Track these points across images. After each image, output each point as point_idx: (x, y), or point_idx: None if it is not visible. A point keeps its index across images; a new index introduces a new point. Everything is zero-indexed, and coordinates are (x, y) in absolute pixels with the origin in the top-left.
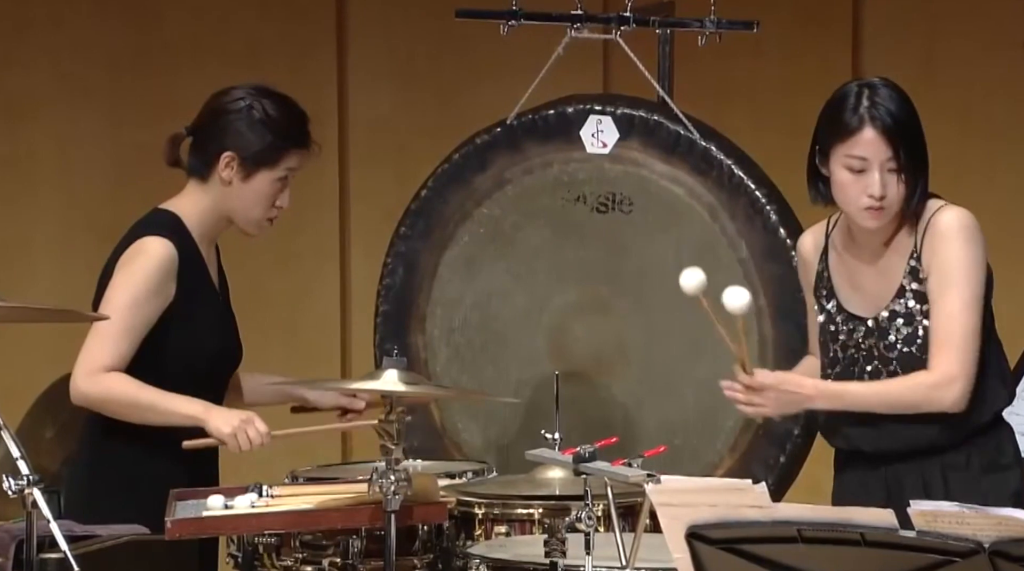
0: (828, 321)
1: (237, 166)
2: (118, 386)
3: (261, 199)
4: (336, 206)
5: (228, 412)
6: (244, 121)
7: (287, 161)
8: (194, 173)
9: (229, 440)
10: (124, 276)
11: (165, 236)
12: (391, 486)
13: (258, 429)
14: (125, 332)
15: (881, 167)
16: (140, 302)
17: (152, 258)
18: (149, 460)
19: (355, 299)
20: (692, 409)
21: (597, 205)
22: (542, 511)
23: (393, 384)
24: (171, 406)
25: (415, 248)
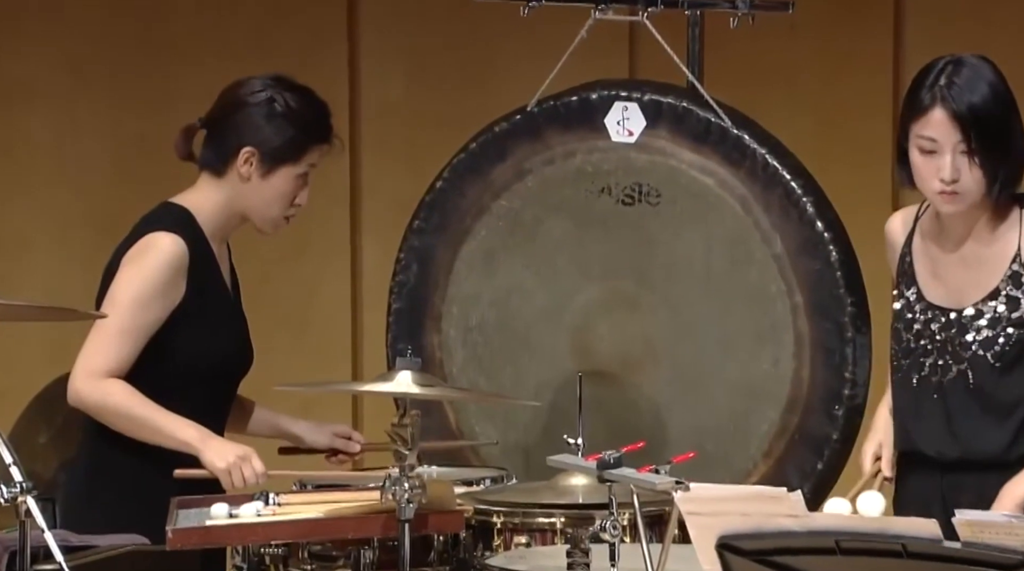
0: (906, 308)
1: (257, 162)
2: (116, 396)
3: (280, 197)
4: (347, 199)
5: (225, 445)
6: (265, 114)
7: (309, 156)
8: (208, 167)
9: (222, 476)
10: (130, 273)
11: (175, 232)
12: (405, 494)
13: (254, 468)
14: (129, 333)
15: (953, 150)
16: (147, 301)
17: (161, 255)
18: (150, 466)
19: (366, 297)
20: (723, 412)
21: (623, 197)
22: (564, 520)
23: (407, 386)
24: (167, 428)
25: (430, 243)
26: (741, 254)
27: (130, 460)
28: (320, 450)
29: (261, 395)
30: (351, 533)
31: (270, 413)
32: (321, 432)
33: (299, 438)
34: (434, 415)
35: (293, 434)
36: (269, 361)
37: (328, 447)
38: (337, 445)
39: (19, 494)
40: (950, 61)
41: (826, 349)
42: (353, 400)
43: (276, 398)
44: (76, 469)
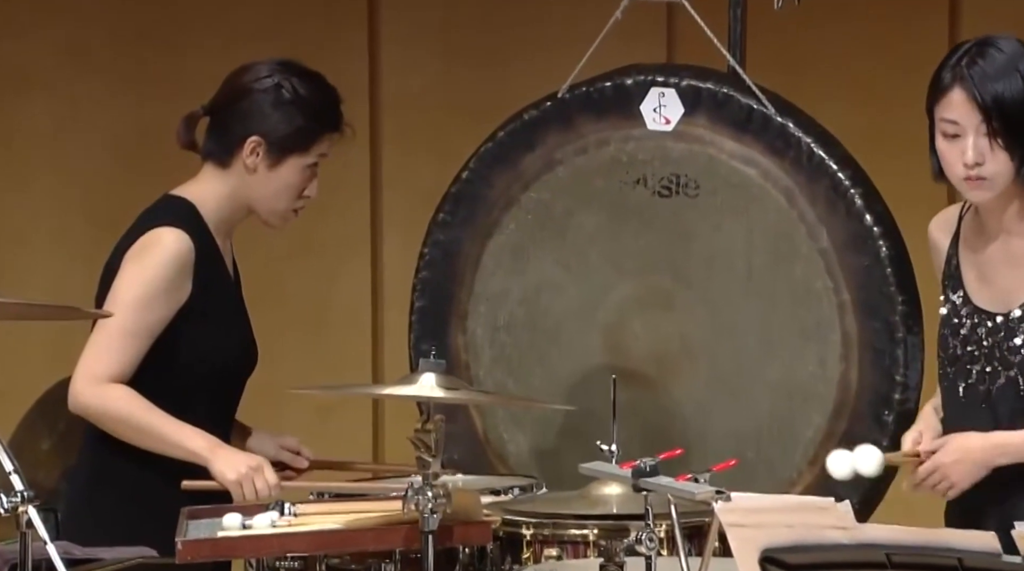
0: (952, 313)
1: (264, 152)
2: (120, 402)
3: (288, 188)
4: (367, 191)
5: (236, 455)
6: (271, 102)
7: (319, 146)
8: (212, 157)
9: (233, 488)
10: (134, 271)
11: (179, 227)
12: (428, 503)
13: (267, 479)
14: (133, 335)
15: (976, 132)
16: (151, 301)
17: (166, 251)
18: (155, 475)
19: (387, 294)
20: (766, 417)
21: (659, 188)
22: (597, 532)
23: (430, 389)
24: (175, 437)
25: (455, 237)
26: (785, 249)
27: (134, 468)
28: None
29: (275, 399)
30: (371, 545)
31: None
32: (266, 443)
33: (242, 446)
34: (459, 420)
35: (235, 442)
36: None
37: (272, 459)
38: (283, 458)
39: (20, 504)
40: (977, 42)
41: (875, 350)
42: (373, 405)
43: (291, 402)
44: (77, 478)
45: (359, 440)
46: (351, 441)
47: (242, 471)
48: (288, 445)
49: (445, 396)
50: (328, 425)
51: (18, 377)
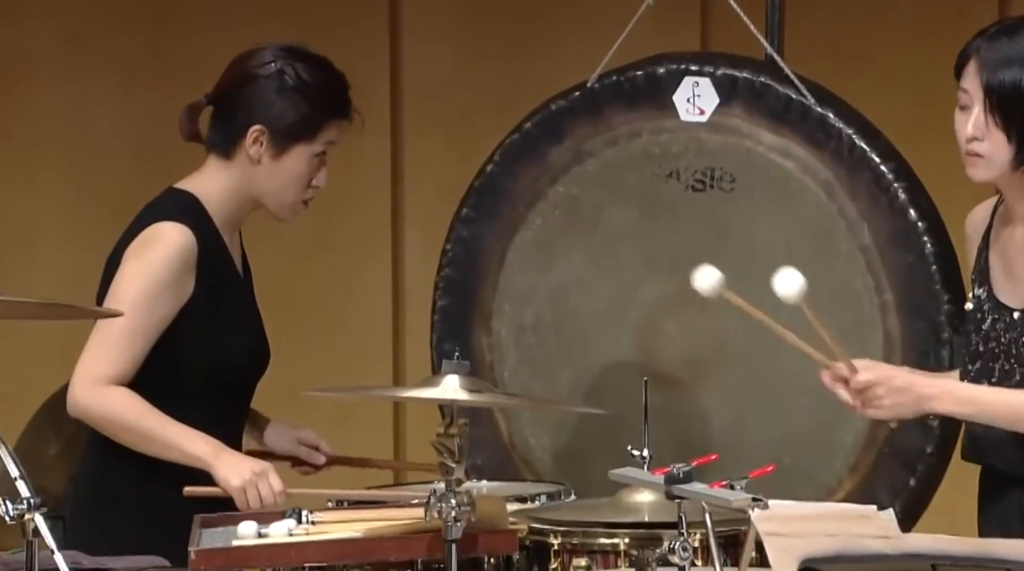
0: (976, 308)
1: (267, 141)
2: (120, 406)
3: (295, 179)
4: (387, 185)
5: (241, 461)
6: (274, 88)
7: (325, 134)
8: (216, 148)
9: (236, 495)
10: (134, 268)
11: (182, 221)
12: (452, 511)
13: (272, 486)
14: (134, 335)
15: (981, 107)
16: (152, 299)
17: (167, 247)
18: (161, 481)
19: (409, 293)
20: (805, 422)
21: (693, 182)
22: (628, 541)
23: (453, 392)
24: (177, 441)
25: (479, 233)
26: (824, 246)
27: (139, 474)
28: (281, 456)
29: (291, 402)
30: (393, 555)
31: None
32: (284, 436)
33: (259, 438)
34: (483, 424)
35: (253, 432)
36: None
37: (289, 454)
38: (299, 454)
39: (26, 511)
40: (1011, 22)
41: (919, 351)
42: (394, 408)
43: (308, 405)
44: (81, 484)
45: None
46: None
47: (246, 477)
48: (306, 439)
49: (469, 399)
50: (347, 429)
51: (24, 379)
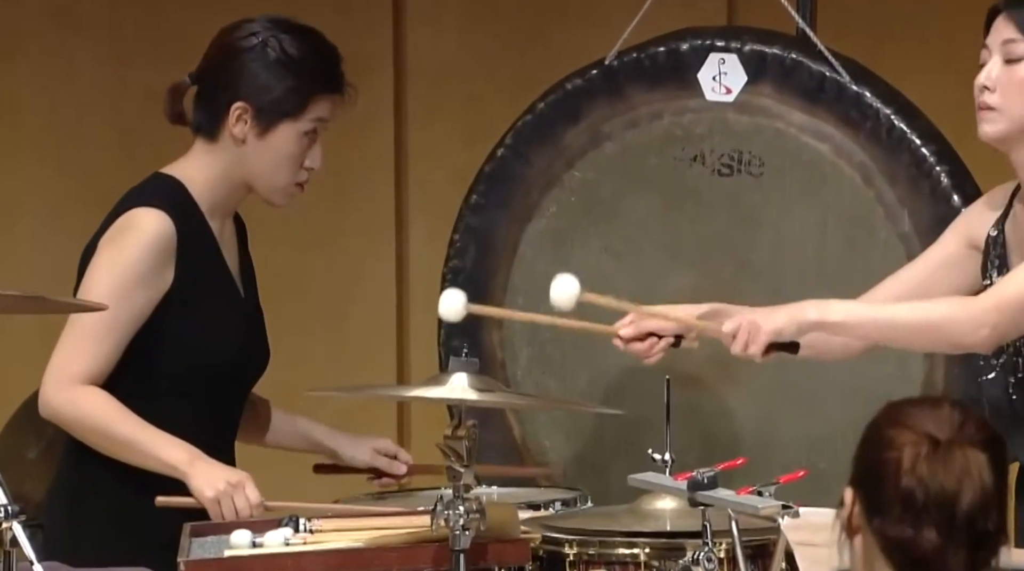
0: None
1: (251, 119)
2: (92, 408)
3: (284, 159)
4: (391, 171)
5: (216, 470)
6: (258, 62)
7: (314, 110)
8: (200, 130)
9: (210, 507)
10: (106, 259)
11: (160, 207)
12: (460, 519)
13: (248, 498)
14: (108, 331)
15: (1001, 53)
16: (126, 292)
17: (142, 235)
18: (149, 485)
19: (414, 286)
20: (839, 423)
21: (719, 166)
22: (649, 551)
23: (462, 391)
24: (150, 447)
25: (490, 221)
26: (861, 234)
27: (121, 480)
28: (359, 469)
29: (291, 403)
30: (396, 566)
31: (298, 421)
32: (360, 447)
33: (336, 454)
34: (494, 426)
35: (328, 448)
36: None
37: (368, 466)
38: (379, 464)
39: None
40: None
41: None
42: (399, 408)
43: (309, 406)
44: (58, 489)
45: None
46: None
47: (220, 488)
48: (383, 448)
49: (478, 398)
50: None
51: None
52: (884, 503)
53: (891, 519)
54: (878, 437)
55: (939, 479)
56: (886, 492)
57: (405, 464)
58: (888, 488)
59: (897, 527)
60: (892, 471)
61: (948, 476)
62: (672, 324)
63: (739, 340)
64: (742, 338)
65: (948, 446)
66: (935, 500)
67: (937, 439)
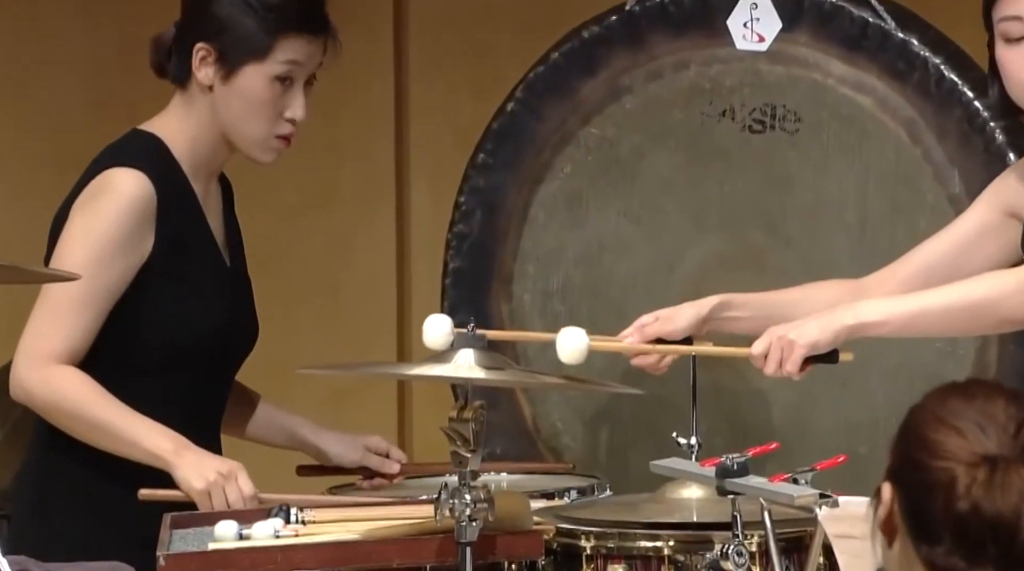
0: None
1: (214, 61)
2: (68, 390)
3: (255, 107)
4: (391, 127)
5: (205, 459)
6: (220, 2)
7: (283, 51)
8: (176, 81)
9: (199, 499)
10: (80, 224)
11: (138, 167)
12: (466, 509)
13: (241, 489)
14: (84, 304)
15: None
16: (103, 260)
17: (119, 198)
18: (128, 471)
19: (416, 253)
20: (882, 405)
21: (750, 122)
22: (674, 545)
23: (468, 369)
24: (133, 435)
25: (498, 182)
26: (907, 196)
27: (96, 466)
28: (348, 470)
29: (280, 382)
30: (397, 560)
31: (283, 414)
32: (349, 445)
33: (322, 453)
34: (503, 407)
35: (314, 446)
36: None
37: (358, 465)
38: (370, 463)
39: None
40: None
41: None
42: (399, 388)
43: (298, 385)
44: (26, 477)
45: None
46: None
47: (211, 478)
48: (375, 446)
49: (486, 377)
50: (344, 413)
51: None
52: (932, 527)
53: (941, 549)
54: (922, 437)
55: (996, 505)
56: (934, 513)
57: (398, 463)
58: (936, 509)
59: (949, 559)
60: (941, 489)
61: (1006, 501)
62: (681, 329)
63: (772, 360)
64: (775, 357)
65: (1006, 466)
66: (991, 530)
67: (993, 457)
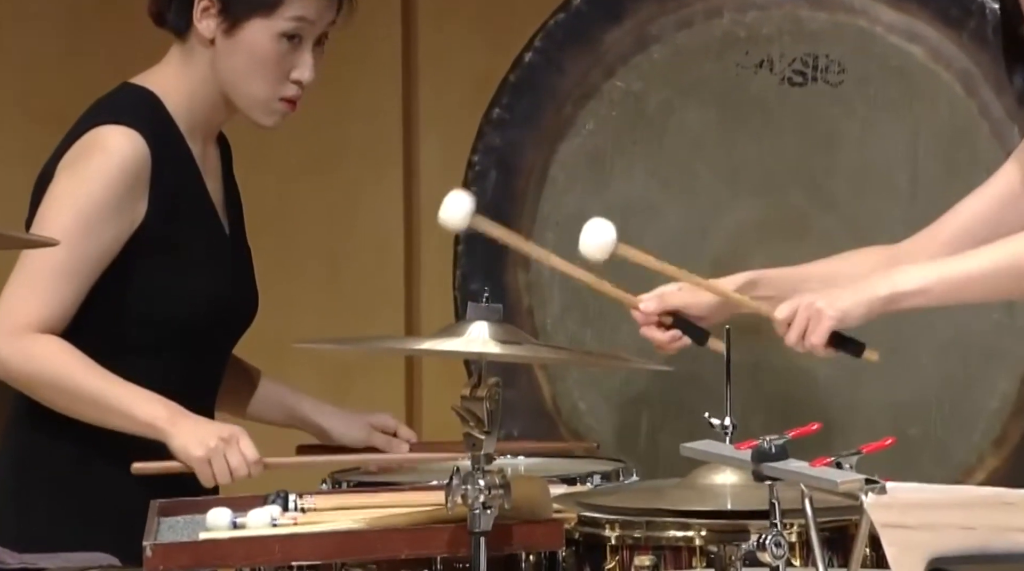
0: None
1: (217, 12)
2: (50, 359)
3: (258, 65)
4: (398, 79)
5: (202, 426)
6: None
7: (291, 6)
8: (176, 33)
9: (199, 468)
10: (67, 186)
11: (131, 125)
12: (480, 496)
13: (244, 454)
14: (68, 272)
15: None
16: (90, 226)
17: (110, 158)
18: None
19: (426, 217)
20: (934, 383)
21: (790, 74)
22: (706, 535)
23: (482, 343)
24: (123, 404)
25: (515, 140)
26: (962, 154)
27: (78, 449)
28: (353, 449)
29: (281, 357)
30: (405, 550)
31: (282, 390)
32: (354, 424)
33: (324, 431)
34: (521, 384)
35: (315, 424)
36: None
37: (364, 445)
38: (376, 443)
39: None
40: None
41: None
42: (407, 364)
43: (300, 361)
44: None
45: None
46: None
47: (211, 444)
48: (381, 425)
49: (501, 352)
50: (350, 390)
51: None
52: None
53: None
54: None
55: None
56: None
57: (407, 442)
58: None
59: None
60: None
61: None
62: (705, 303)
63: (795, 328)
64: (799, 326)
65: None
66: None
67: None
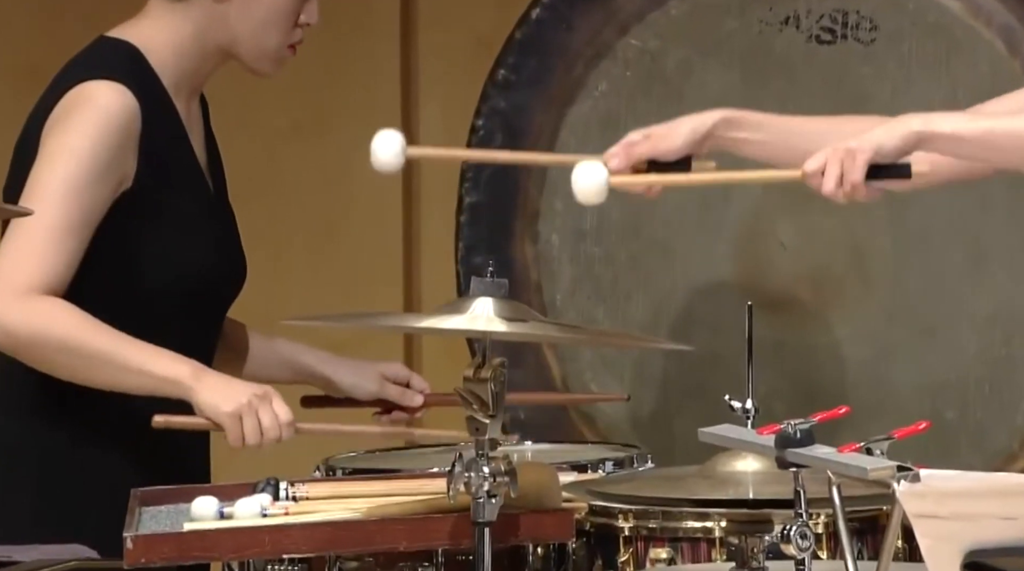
0: None
1: None
2: (60, 321)
3: (278, 13)
4: (395, 36)
5: (231, 384)
6: None
7: None
8: None
9: (229, 425)
10: (57, 143)
11: (118, 79)
12: (484, 483)
13: (277, 414)
14: (64, 230)
15: None
16: (83, 183)
17: (100, 113)
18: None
19: (426, 185)
20: (972, 363)
21: (817, 31)
22: (726, 525)
23: (486, 321)
24: (141, 361)
25: (522, 103)
26: None
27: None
28: (362, 402)
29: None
30: (404, 543)
31: (282, 343)
32: (363, 374)
33: (332, 383)
34: (528, 364)
35: (323, 376)
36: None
37: (375, 397)
38: (389, 395)
39: None
40: None
41: None
42: (406, 342)
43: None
44: None
45: None
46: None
47: (242, 401)
48: (393, 375)
49: (507, 330)
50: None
51: None
52: None
53: None
54: None
55: None
56: None
57: (420, 394)
58: None
59: None
60: None
61: None
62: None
63: (831, 174)
64: (834, 170)
65: None
66: None
67: None
